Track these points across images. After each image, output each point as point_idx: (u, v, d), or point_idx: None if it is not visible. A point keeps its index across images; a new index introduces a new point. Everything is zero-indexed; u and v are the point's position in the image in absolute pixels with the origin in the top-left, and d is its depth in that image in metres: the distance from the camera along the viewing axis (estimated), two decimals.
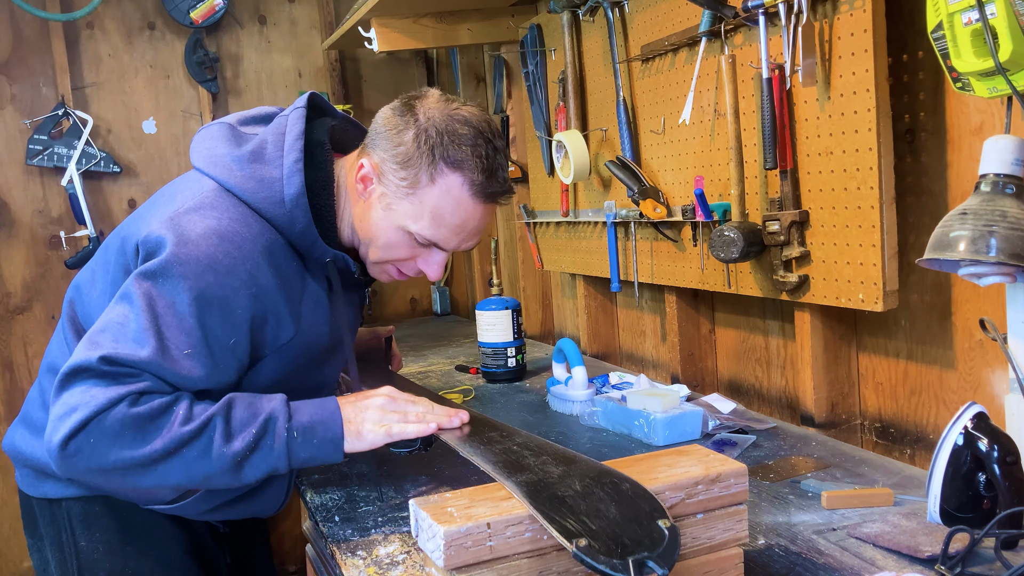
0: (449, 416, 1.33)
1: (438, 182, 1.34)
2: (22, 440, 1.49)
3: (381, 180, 1.38)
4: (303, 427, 1.28)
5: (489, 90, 3.14)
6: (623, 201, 2.13)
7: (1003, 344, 1.20)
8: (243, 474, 1.26)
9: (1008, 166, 1.13)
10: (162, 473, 1.23)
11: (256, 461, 1.26)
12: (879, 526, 1.19)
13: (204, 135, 1.45)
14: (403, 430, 1.30)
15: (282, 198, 1.34)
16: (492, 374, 2.31)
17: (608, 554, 0.87)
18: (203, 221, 1.30)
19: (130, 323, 1.25)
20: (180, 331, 1.25)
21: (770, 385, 1.92)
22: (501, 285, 2.42)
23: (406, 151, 1.35)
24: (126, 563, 1.45)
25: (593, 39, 2.23)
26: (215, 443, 1.22)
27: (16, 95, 3.19)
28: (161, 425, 1.20)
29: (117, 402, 1.19)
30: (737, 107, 1.68)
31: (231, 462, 1.24)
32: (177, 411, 1.22)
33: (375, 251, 1.43)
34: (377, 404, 1.33)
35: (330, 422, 1.29)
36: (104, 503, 1.46)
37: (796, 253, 1.59)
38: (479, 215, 1.39)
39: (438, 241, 1.39)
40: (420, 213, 1.36)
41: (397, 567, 1.20)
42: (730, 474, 1.04)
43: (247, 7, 3.46)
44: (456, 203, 1.36)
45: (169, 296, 1.26)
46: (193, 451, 1.22)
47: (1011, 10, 1.05)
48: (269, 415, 1.26)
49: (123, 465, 1.21)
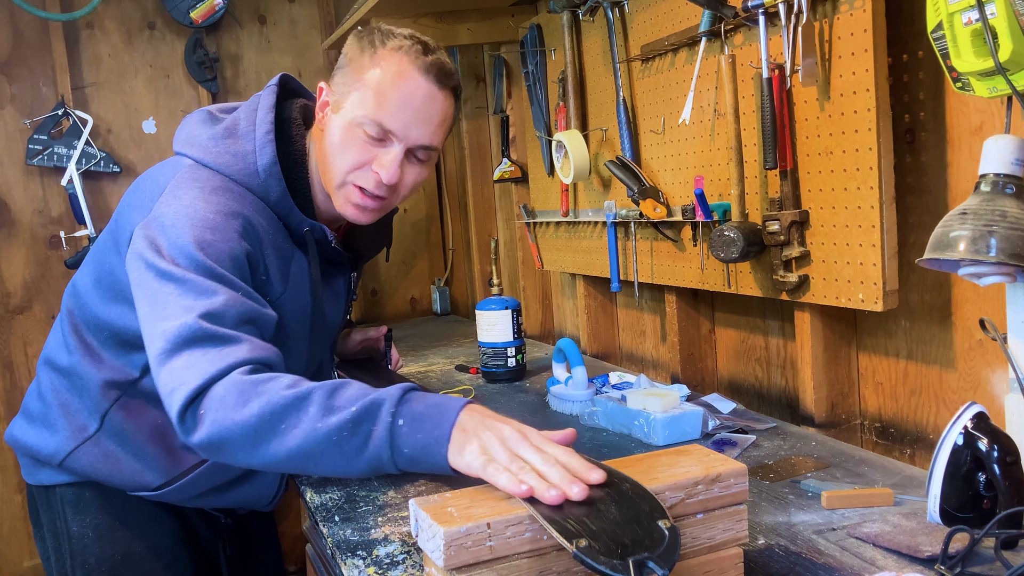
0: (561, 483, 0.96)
1: (380, 63, 1.37)
2: (20, 430, 1.53)
3: (332, 90, 1.42)
4: (413, 417, 1.12)
5: (489, 90, 3.14)
6: (623, 201, 2.13)
7: (1003, 344, 1.20)
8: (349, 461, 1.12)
9: (1008, 166, 1.13)
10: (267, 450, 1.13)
11: (356, 444, 1.12)
12: (879, 526, 1.19)
13: (184, 122, 1.50)
14: (496, 477, 1.00)
15: (256, 169, 1.38)
16: (492, 374, 2.31)
17: (608, 554, 0.87)
18: (188, 193, 1.33)
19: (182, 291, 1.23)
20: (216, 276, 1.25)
21: (770, 385, 1.92)
22: (501, 285, 2.42)
23: (351, 52, 1.41)
24: (115, 548, 1.48)
25: (593, 39, 2.23)
26: (310, 415, 1.11)
27: (16, 95, 3.19)
28: (263, 390, 1.13)
29: (230, 370, 1.15)
30: (737, 107, 1.68)
31: (326, 440, 1.11)
32: (280, 377, 1.15)
33: (334, 169, 1.40)
34: (501, 433, 1.08)
35: (440, 421, 1.11)
36: (95, 489, 1.48)
37: (796, 253, 1.59)
38: (422, 92, 1.37)
39: (384, 121, 1.36)
40: (365, 97, 1.36)
41: (397, 567, 1.20)
42: (730, 474, 1.04)
43: (247, 7, 3.46)
44: (397, 75, 1.36)
45: (184, 259, 1.26)
46: (288, 422, 1.11)
47: (1011, 10, 1.05)
48: (378, 396, 1.14)
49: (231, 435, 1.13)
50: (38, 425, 1.49)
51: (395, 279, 3.77)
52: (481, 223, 3.33)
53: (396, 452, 1.12)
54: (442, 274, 3.79)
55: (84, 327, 1.46)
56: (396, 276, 3.76)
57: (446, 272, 3.78)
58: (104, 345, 1.45)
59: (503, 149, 2.97)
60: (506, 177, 2.96)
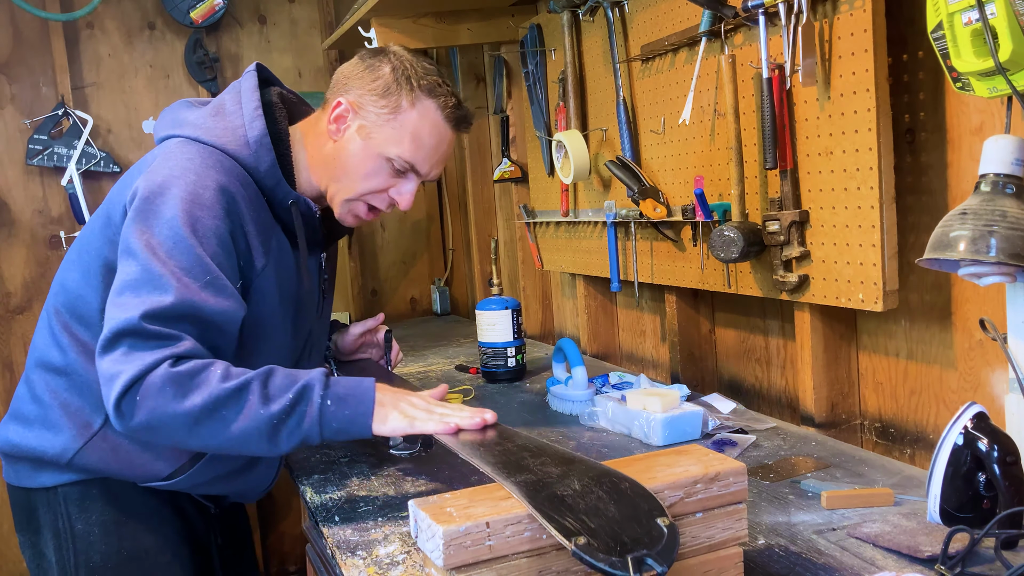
0: (472, 416, 1.33)
1: (417, 106, 1.47)
2: (16, 434, 1.51)
3: (359, 113, 1.48)
4: (338, 397, 1.31)
5: (489, 90, 3.14)
6: (623, 201, 2.13)
7: (1003, 344, 1.20)
8: (279, 440, 1.28)
9: (1008, 166, 1.13)
10: (205, 434, 1.27)
11: (291, 426, 1.28)
12: (879, 526, 1.19)
13: (166, 111, 1.56)
14: (424, 426, 1.32)
15: (247, 140, 1.44)
16: (492, 374, 2.31)
17: (607, 552, 0.87)
18: (178, 164, 1.39)
19: (143, 272, 1.31)
20: (190, 265, 1.31)
21: (770, 385, 1.92)
22: (501, 285, 2.42)
23: (385, 83, 1.47)
24: (121, 544, 1.49)
25: (593, 39, 2.23)
26: (252, 404, 1.26)
27: (16, 95, 3.19)
28: (200, 382, 1.25)
29: (160, 363, 1.25)
30: (737, 107, 1.68)
31: (267, 425, 1.27)
32: (214, 370, 1.27)
33: (350, 186, 1.50)
34: (411, 400, 1.37)
35: (363, 398, 1.32)
36: (101, 486, 1.49)
37: (796, 253, 1.59)
38: (448, 139, 1.52)
39: (416, 163, 1.49)
40: (401, 137, 1.47)
41: (397, 567, 1.20)
42: (729, 473, 1.04)
43: (247, 7, 3.46)
44: (433, 125, 1.48)
45: (167, 238, 1.32)
46: (231, 410, 1.26)
47: (1011, 10, 1.05)
48: (307, 382, 1.30)
49: (169, 423, 1.25)
50: (37, 427, 1.48)
51: (395, 279, 3.77)
52: (481, 223, 3.33)
53: (325, 428, 1.30)
54: (442, 274, 3.79)
55: (77, 324, 1.47)
56: (396, 276, 3.77)
57: (446, 272, 3.78)
58: (97, 338, 1.43)
59: (503, 149, 2.97)
60: (506, 177, 2.96)
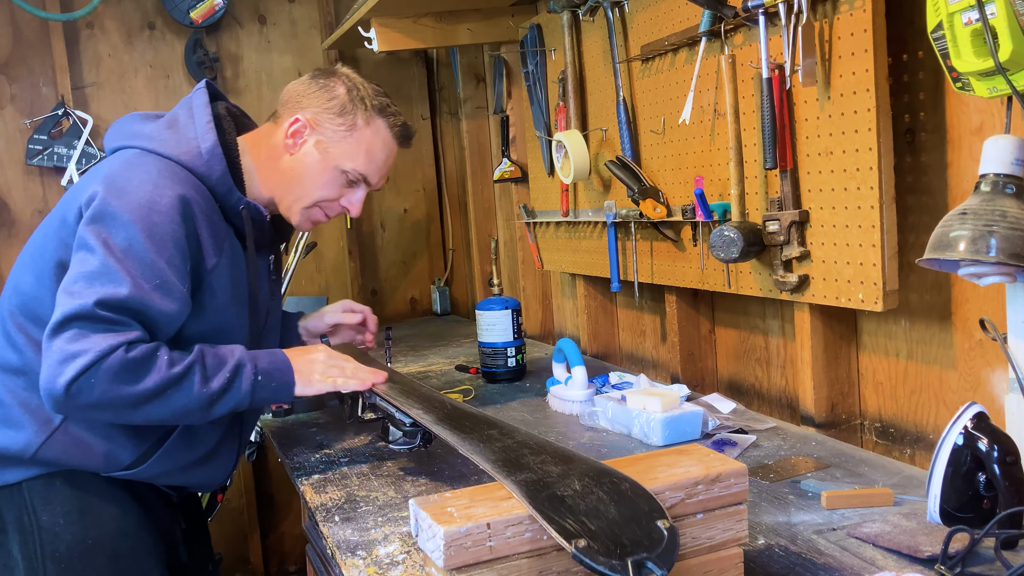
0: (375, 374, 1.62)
1: (371, 124, 1.64)
2: None
3: (316, 129, 1.63)
4: (265, 372, 1.51)
5: (489, 90, 3.14)
6: (623, 201, 2.13)
7: (1003, 344, 1.20)
8: (213, 410, 1.47)
9: (1008, 166, 1.13)
10: (149, 411, 1.42)
11: (226, 400, 1.47)
12: (879, 526, 1.19)
13: (116, 124, 1.65)
14: (345, 384, 1.59)
15: (200, 151, 1.55)
16: (492, 374, 2.31)
17: (607, 555, 0.87)
18: (136, 174, 1.48)
19: (99, 266, 1.39)
20: (144, 267, 1.41)
21: (770, 385, 1.92)
22: (501, 285, 2.42)
23: (341, 102, 1.64)
24: (86, 533, 1.53)
25: (593, 39, 2.23)
26: (196, 384, 1.43)
27: (16, 95, 3.19)
28: (151, 368, 1.39)
29: (116, 348, 1.36)
30: (737, 107, 1.68)
31: (207, 401, 1.44)
32: (162, 356, 1.41)
33: (306, 195, 1.64)
34: (320, 359, 1.60)
35: (284, 369, 1.54)
36: (64, 477, 1.53)
37: (796, 253, 1.59)
38: (394, 154, 1.70)
39: (368, 175, 1.66)
40: (356, 152, 1.64)
41: (397, 567, 1.20)
42: (730, 474, 1.04)
43: (247, 7, 3.46)
44: (383, 142, 1.66)
45: (124, 239, 1.41)
46: (178, 391, 1.42)
47: (1011, 10, 1.05)
48: (238, 361, 1.49)
49: (119, 403, 1.38)
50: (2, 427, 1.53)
51: (395, 279, 3.77)
52: (481, 223, 3.33)
53: (255, 398, 1.50)
54: (442, 274, 3.79)
55: (32, 325, 1.52)
56: (396, 276, 3.77)
57: (446, 272, 3.78)
58: None
59: (503, 149, 2.97)
60: (506, 177, 2.96)
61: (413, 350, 2.90)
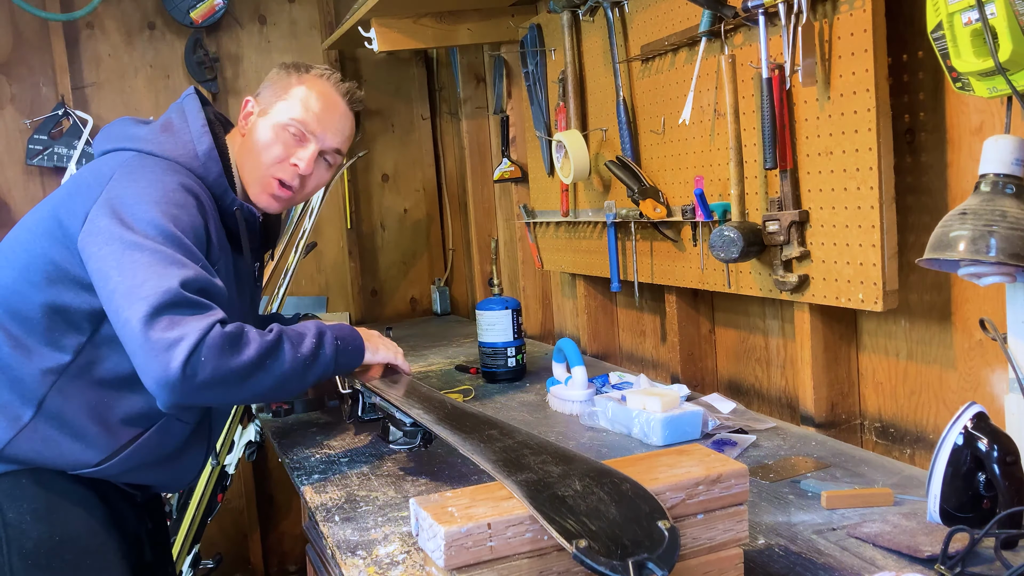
0: None
1: (304, 81, 1.69)
2: None
3: (257, 101, 1.70)
4: (341, 338, 1.57)
5: (489, 90, 3.14)
6: (623, 201, 2.13)
7: (1003, 344, 1.20)
8: (307, 377, 1.50)
9: (1008, 166, 1.13)
10: (254, 383, 1.42)
11: (317, 365, 1.51)
12: (879, 526, 1.19)
13: (108, 128, 1.67)
14: (402, 361, 1.73)
15: (196, 153, 1.59)
16: (492, 374, 2.31)
17: (608, 555, 0.87)
18: (144, 174, 1.51)
19: (155, 258, 1.39)
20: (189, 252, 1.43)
21: (770, 385, 1.92)
22: (501, 285, 2.42)
23: (277, 75, 1.72)
24: (52, 530, 1.53)
25: (593, 39, 2.23)
26: (288, 352, 1.46)
27: (16, 95, 3.19)
28: (247, 340, 1.42)
29: (212, 326, 1.38)
30: (737, 107, 1.68)
31: (302, 366, 1.48)
32: (250, 330, 1.44)
33: (256, 162, 1.65)
34: (377, 335, 1.73)
35: (355, 335, 1.63)
36: (31, 475, 1.53)
37: (796, 253, 1.59)
38: (339, 109, 1.70)
39: (306, 124, 1.66)
40: (292, 105, 1.66)
41: (397, 567, 1.20)
42: (731, 474, 1.04)
43: (247, 7, 3.46)
44: (321, 92, 1.68)
45: (159, 233, 1.42)
46: (276, 360, 1.44)
47: (1011, 10, 1.06)
48: (319, 329, 1.54)
49: (230, 377, 1.39)
50: None
51: (395, 279, 3.77)
52: (481, 223, 3.33)
53: (337, 363, 1.55)
54: (442, 274, 3.79)
55: (10, 320, 1.52)
56: (396, 276, 3.77)
57: (446, 272, 3.78)
58: (32, 333, 1.51)
59: (503, 149, 2.97)
60: (506, 177, 2.96)
61: (413, 350, 2.90)
